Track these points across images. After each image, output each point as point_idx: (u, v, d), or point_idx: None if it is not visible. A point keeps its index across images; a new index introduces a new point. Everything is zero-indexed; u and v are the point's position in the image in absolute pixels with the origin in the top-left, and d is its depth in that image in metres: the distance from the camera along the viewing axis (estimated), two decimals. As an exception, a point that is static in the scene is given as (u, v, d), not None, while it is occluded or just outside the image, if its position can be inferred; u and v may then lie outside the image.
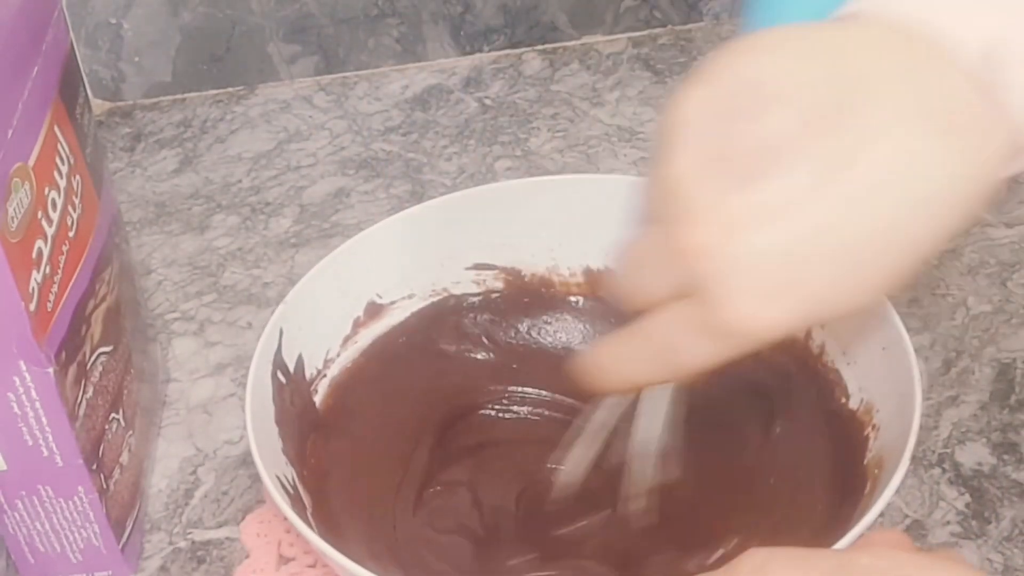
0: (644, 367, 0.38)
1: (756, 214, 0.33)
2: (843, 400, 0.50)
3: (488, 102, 0.78)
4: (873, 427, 0.47)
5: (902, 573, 0.31)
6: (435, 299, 0.55)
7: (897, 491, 0.52)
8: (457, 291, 0.56)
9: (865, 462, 0.47)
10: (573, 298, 0.56)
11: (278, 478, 0.44)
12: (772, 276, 0.33)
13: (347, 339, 0.53)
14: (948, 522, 0.51)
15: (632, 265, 0.37)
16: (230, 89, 0.80)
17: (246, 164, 0.74)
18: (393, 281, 0.54)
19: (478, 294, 0.56)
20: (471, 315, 0.56)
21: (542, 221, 0.55)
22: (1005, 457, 0.54)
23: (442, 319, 0.56)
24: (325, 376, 0.52)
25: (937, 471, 0.54)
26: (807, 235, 0.32)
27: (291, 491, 0.45)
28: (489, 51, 0.81)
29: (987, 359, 0.59)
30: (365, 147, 0.75)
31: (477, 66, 0.80)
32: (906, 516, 0.52)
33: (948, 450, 0.54)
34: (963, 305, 0.61)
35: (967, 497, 0.52)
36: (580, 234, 0.55)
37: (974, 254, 0.64)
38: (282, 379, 0.49)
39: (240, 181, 0.73)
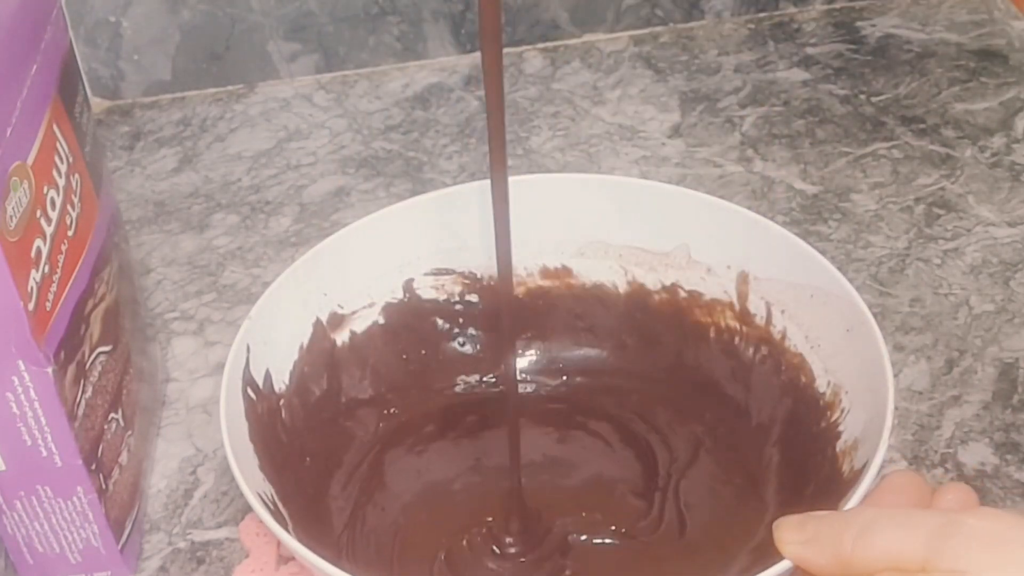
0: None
1: None
2: (810, 384, 0.50)
3: (489, 100, 0.77)
4: (842, 410, 0.48)
5: (1012, 536, 0.30)
6: (395, 306, 0.55)
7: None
8: (417, 296, 0.56)
9: (839, 446, 0.47)
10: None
11: (259, 495, 0.44)
12: None
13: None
14: (951, 522, 0.51)
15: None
16: (230, 87, 0.80)
17: (246, 163, 0.74)
18: (354, 290, 0.54)
19: (436, 299, 0.56)
20: (431, 319, 0.56)
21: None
22: (1008, 457, 0.54)
23: (404, 325, 0.56)
24: (293, 389, 0.52)
25: (940, 471, 0.54)
26: None
27: (271, 507, 0.45)
28: (490, 49, 0.81)
29: (990, 359, 0.58)
30: (365, 146, 0.75)
31: (478, 64, 0.80)
32: (909, 516, 0.52)
33: (951, 450, 0.54)
34: (965, 304, 0.61)
35: (970, 497, 0.52)
36: (535, 233, 0.55)
37: (976, 253, 0.64)
38: (252, 396, 0.49)
39: (240, 180, 0.73)
